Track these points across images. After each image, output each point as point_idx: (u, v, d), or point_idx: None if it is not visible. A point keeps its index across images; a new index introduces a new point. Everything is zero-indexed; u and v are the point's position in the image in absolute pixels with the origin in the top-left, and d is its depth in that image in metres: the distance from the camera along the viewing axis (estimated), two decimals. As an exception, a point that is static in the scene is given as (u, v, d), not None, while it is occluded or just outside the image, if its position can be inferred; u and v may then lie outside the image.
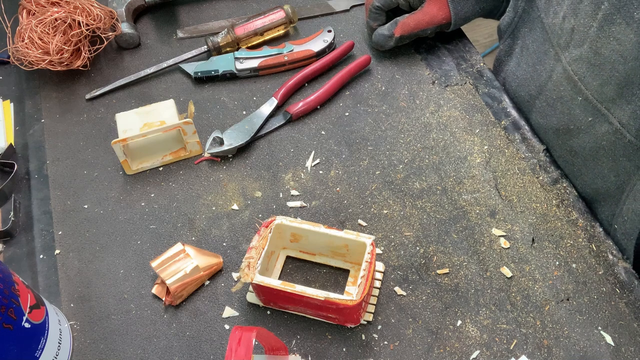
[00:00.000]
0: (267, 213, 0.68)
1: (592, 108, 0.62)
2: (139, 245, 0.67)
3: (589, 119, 0.63)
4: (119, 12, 0.85)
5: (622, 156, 0.61)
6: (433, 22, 0.77)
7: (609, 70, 0.58)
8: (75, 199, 0.71)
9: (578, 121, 0.64)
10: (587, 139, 0.64)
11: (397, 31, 0.77)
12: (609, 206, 0.65)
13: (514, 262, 0.63)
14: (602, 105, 0.60)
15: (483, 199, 0.68)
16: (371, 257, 0.57)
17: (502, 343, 0.58)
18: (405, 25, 0.77)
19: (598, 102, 0.61)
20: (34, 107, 0.80)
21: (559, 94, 0.66)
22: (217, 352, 0.59)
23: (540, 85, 0.70)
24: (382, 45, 0.79)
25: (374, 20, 0.80)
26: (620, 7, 0.55)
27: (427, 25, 0.77)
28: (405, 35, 0.78)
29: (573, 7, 0.61)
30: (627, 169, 0.61)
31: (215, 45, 0.82)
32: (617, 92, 0.58)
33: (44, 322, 0.55)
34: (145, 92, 0.81)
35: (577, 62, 0.62)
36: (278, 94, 0.77)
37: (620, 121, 0.59)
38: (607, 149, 0.62)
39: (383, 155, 0.73)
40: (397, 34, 0.78)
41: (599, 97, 0.61)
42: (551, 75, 0.67)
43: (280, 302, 0.59)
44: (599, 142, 0.63)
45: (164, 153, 0.73)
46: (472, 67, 0.81)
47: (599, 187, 0.65)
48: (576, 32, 0.61)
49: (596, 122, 0.62)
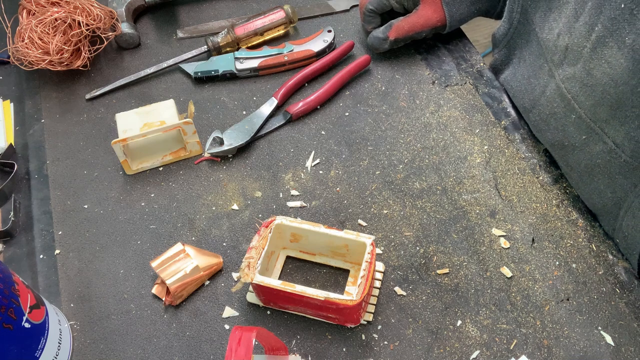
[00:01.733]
0: (267, 213, 0.68)
1: (586, 127, 0.61)
2: (139, 245, 0.67)
3: (583, 137, 0.62)
4: (119, 12, 0.85)
5: (618, 174, 0.60)
6: (428, 24, 0.78)
7: (600, 92, 0.57)
8: (75, 199, 0.71)
9: (572, 138, 0.64)
10: (582, 156, 0.63)
11: (392, 34, 0.78)
12: (608, 221, 0.64)
13: (514, 262, 0.63)
14: (596, 124, 0.60)
15: (483, 199, 0.68)
16: (371, 257, 0.57)
17: (502, 343, 0.58)
18: (399, 28, 0.77)
19: (592, 122, 0.60)
20: (34, 107, 0.80)
21: (552, 110, 0.66)
22: (217, 352, 0.59)
23: (534, 99, 0.70)
24: (377, 48, 0.80)
25: (368, 24, 0.81)
26: (613, 31, 0.54)
27: (422, 28, 0.78)
28: (400, 38, 0.78)
29: (568, 26, 0.61)
30: (624, 186, 0.60)
31: (215, 45, 0.82)
32: (610, 114, 0.57)
33: (44, 322, 0.55)
34: (145, 92, 0.81)
35: (571, 80, 0.61)
36: (278, 94, 0.77)
37: (615, 141, 0.58)
38: (603, 166, 0.61)
39: (383, 155, 0.73)
40: (392, 37, 0.78)
41: (592, 117, 0.60)
42: (544, 90, 0.67)
43: (280, 302, 0.59)
44: (594, 160, 0.62)
45: (164, 153, 0.73)
46: (472, 67, 0.81)
47: (595, 203, 0.65)
48: (570, 50, 0.61)
49: (590, 141, 0.61)
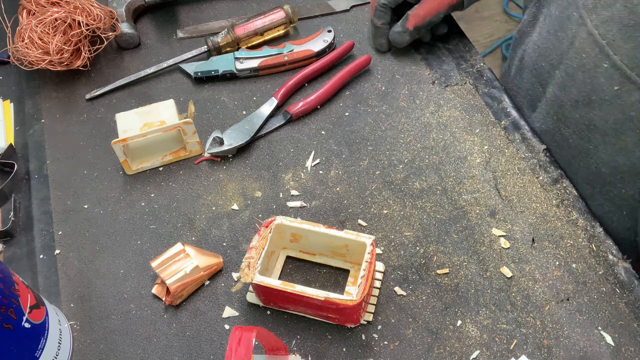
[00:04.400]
0: (267, 213, 0.68)
1: (620, 75, 0.58)
2: (139, 245, 0.67)
3: (615, 88, 0.59)
4: (119, 12, 0.85)
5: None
6: (443, 4, 0.76)
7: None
8: (75, 199, 0.71)
9: (602, 91, 0.61)
10: (612, 110, 0.60)
11: (410, 24, 0.77)
12: (634, 183, 0.61)
13: (514, 262, 0.63)
14: (633, 71, 0.57)
15: (483, 199, 0.68)
16: (371, 257, 0.57)
17: (502, 343, 0.58)
18: (416, 16, 0.76)
19: (628, 68, 0.57)
20: (34, 107, 0.80)
21: (581, 61, 0.63)
22: (217, 352, 0.59)
23: (561, 54, 0.67)
24: (399, 43, 0.79)
25: (378, 19, 0.79)
26: None
27: (438, 9, 0.76)
28: (419, 25, 0.77)
29: None
30: None
31: (215, 45, 0.82)
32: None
33: (44, 322, 0.55)
34: (145, 92, 0.81)
35: (607, 23, 0.58)
36: (278, 94, 0.77)
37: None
38: (636, 120, 0.58)
39: (383, 155, 0.73)
40: (410, 27, 0.77)
41: (629, 63, 0.57)
42: (573, 41, 0.64)
43: (280, 302, 0.59)
44: (626, 113, 0.59)
45: (164, 153, 0.73)
46: (472, 67, 0.81)
47: (619, 164, 0.62)
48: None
49: (624, 91, 0.58)
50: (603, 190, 0.65)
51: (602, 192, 0.65)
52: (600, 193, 0.66)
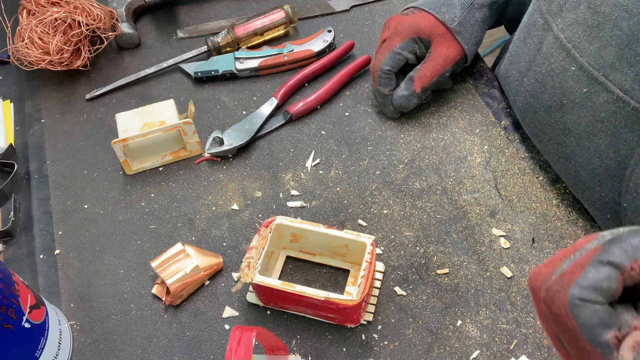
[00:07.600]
0: (267, 213, 0.68)
1: (588, 77, 0.58)
2: (139, 245, 0.67)
3: (584, 90, 0.58)
4: (119, 12, 0.85)
5: (624, 127, 0.56)
6: (447, 62, 0.71)
7: (609, 29, 0.55)
8: (75, 199, 0.71)
9: (572, 94, 0.60)
10: (583, 113, 0.59)
11: (417, 86, 0.71)
12: (612, 185, 0.60)
13: (514, 262, 0.63)
14: (600, 72, 0.56)
15: (483, 199, 0.68)
16: (371, 257, 0.57)
17: (502, 343, 0.58)
18: (422, 77, 0.71)
19: (594, 70, 0.57)
20: (34, 107, 0.80)
21: (549, 66, 0.62)
22: (217, 352, 0.59)
23: (529, 61, 0.66)
24: (407, 107, 0.73)
25: (385, 86, 0.73)
26: None
27: (443, 67, 0.71)
28: (426, 86, 0.72)
29: None
30: (629, 141, 0.56)
31: (215, 45, 0.82)
32: (618, 54, 0.54)
33: (44, 322, 0.55)
34: (145, 92, 0.81)
35: (572, 26, 0.58)
36: (278, 94, 0.77)
37: (622, 87, 0.55)
38: (606, 121, 0.57)
39: (383, 155, 0.73)
40: (418, 89, 0.71)
41: (595, 64, 0.56)
42: (540, 47, 0.64)
43: (280, 302, 0.59)
44: (596, 114, 0.58)
45: (164, 153, 0.73)
46: (472, 67, 0.81)
47: (595, 167, 0.61)
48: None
49: (592, 93, 0.58)
50: (585, 195, 0.64)
51: (584, 197, 0.64)
52: (583, 198, 0.65)
